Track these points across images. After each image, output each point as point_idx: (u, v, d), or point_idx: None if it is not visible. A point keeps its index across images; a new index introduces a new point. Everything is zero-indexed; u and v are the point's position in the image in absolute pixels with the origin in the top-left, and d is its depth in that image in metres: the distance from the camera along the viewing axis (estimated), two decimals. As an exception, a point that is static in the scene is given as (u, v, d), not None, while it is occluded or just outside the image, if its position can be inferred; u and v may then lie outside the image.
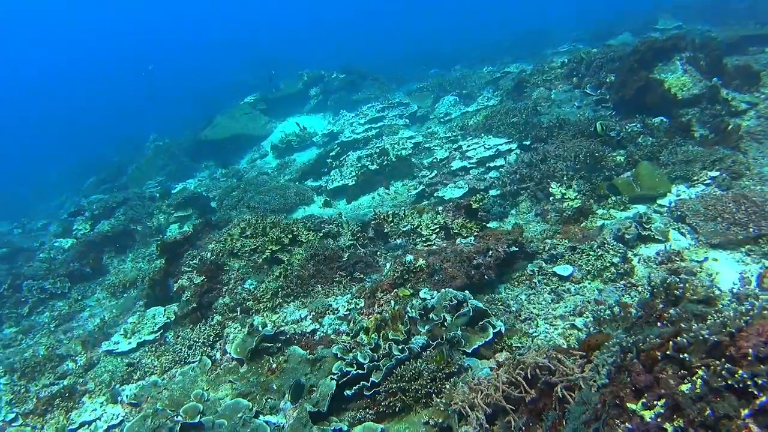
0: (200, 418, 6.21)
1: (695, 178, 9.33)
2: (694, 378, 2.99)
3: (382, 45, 40.77)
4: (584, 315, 6.48)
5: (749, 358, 2.84)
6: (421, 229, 8.97)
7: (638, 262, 7.41)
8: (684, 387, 2.97)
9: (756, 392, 2.65)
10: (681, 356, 3.11)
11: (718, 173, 9.31)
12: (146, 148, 25.31)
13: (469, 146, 13.55)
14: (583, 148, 10.63)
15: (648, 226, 7.94)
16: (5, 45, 72.16)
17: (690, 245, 7.65)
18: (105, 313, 11.31)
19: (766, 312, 3.20)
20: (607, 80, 14.34)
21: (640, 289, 6.84)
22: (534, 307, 6.92)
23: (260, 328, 7.32)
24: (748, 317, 3.20)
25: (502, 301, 7.05)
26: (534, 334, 6.36)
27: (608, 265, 7.26)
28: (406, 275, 7.38)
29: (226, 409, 6.30)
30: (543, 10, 37.33)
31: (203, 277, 9.46)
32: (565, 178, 10.19)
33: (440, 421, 4.73)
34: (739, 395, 2.72)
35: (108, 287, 12.61)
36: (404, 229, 9.11)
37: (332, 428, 5.23)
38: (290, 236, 9.52)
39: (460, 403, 4.45)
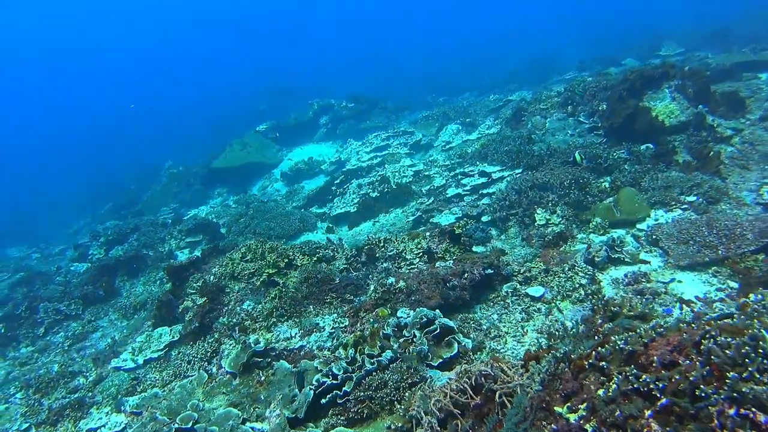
0: (194, 425, 6.75)
1: (673, 203, 9.72)
2: (610, 383, 3.41)
3: (398, 74, 41.69)
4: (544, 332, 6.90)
5: (654, 364, 3.28)
6: (405, 253, 9.50)
7: (607, 283, 7.83)
8: (601, 391, 3.36)
9: (658, 395, 2.97)
10: (601, 364, 3.50)
11: (695, 198, 9.68)
12: (161, 175, 26.17)
13: (464, 174, 14.11)
14: (569, 175, 11.09)
15: (619, 249, 8.34)
16: (27, 71, 74.84)
17: (659, 267, 8.04)
18: (115, 333, 11.95)
19: (682, 325, 3.61)
20: (600, 108, 14.71)
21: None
22: (504, 326, 7.36)
23: (252, 345, 7.86)
24: (662, 329, 3.59)
25: (474, 320, 7.51)
26: (502, 351, 6.80)
27: (577, 286, 7.69)
28: (386, 296, 7.90)
29: (219, 417, 6.84)
30: (557, 39, 37.90)
31: (205, 298, 10.06)
32: (550, 205, 10.64)
33: (400, 425, 5.20)
34: (645, 398, 3.04)
35: (119, 309, 13.26)
36: (390, 253, 9.64)
37: (307, 433, 5.75)
38: (286, 260, 10.11)
39: (416, 409, 4.93)
